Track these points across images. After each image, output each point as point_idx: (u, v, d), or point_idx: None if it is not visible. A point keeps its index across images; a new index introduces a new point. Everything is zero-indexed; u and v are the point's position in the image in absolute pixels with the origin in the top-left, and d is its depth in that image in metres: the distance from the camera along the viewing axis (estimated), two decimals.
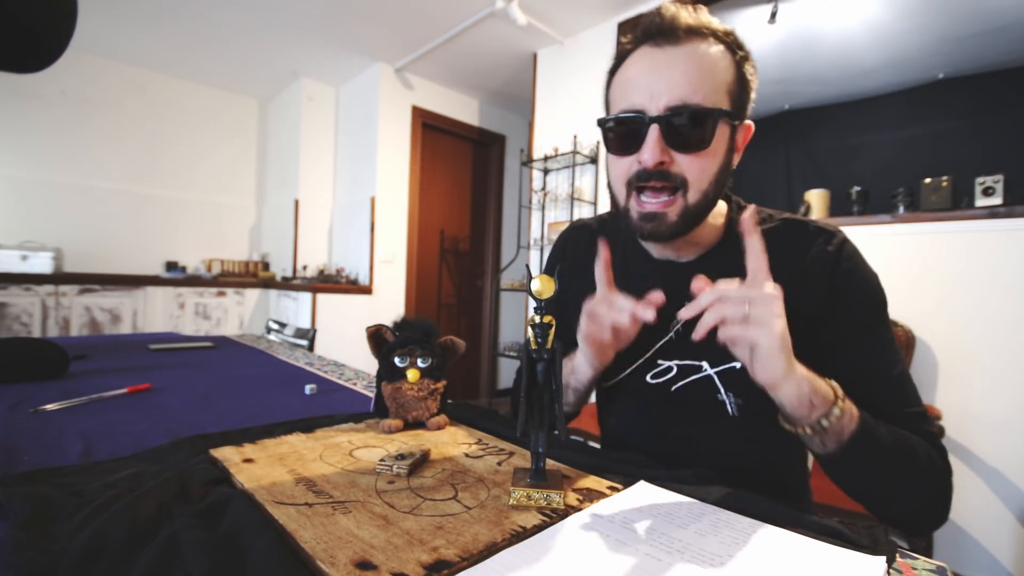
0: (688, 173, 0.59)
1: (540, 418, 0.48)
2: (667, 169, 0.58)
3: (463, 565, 0.35)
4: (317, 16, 2.71)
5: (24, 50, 0.58)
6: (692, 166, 0.58)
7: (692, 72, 0.57)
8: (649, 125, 0.57)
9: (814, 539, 0.40)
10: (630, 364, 0.70)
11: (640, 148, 0.58)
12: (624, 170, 0.62)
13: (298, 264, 3.58)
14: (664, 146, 0.57)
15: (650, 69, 0.58)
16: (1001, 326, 1.53)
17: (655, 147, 0.57)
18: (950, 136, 3.04)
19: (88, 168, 3.29)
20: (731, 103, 0.60)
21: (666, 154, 0.58)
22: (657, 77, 0.57)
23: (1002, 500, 1.51)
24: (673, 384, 0.67)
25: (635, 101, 0.59)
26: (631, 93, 0.59)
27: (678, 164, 0.58)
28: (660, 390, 0.68)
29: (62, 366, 0.98)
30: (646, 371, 0.69)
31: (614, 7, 2.53)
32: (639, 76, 0.59)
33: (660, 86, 0.57)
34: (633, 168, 0.60)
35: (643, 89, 0.58)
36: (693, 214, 0.61)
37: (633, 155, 0.60)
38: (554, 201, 2.90)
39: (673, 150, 0.58)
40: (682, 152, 0.58)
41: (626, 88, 0.61)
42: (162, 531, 0.37)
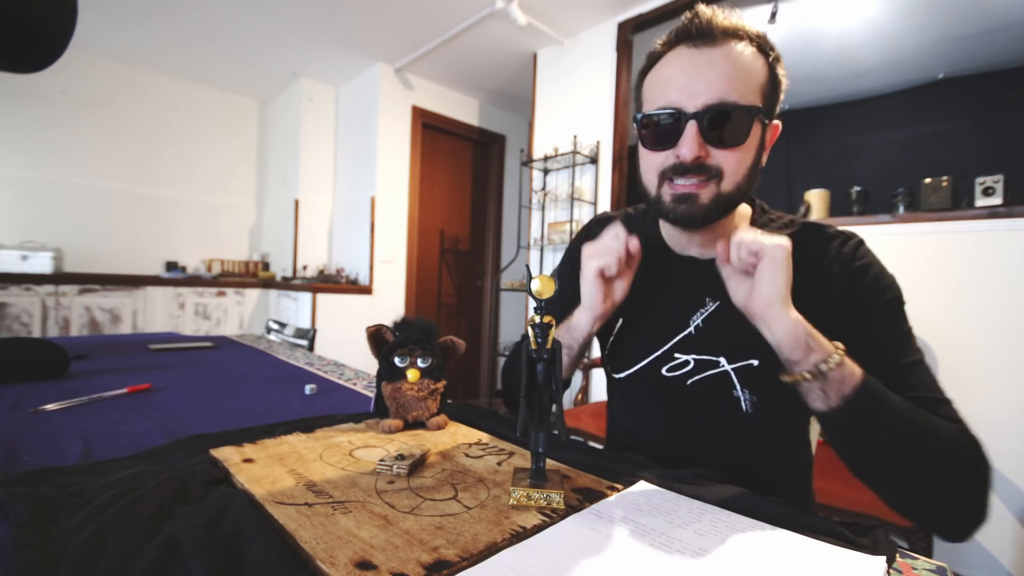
0: (724, 165, 0.60)
1: (540, 418, 0.48)
2: (703, 162, 0.60)
3: (463, 565, 0.35)
4: (317, 16, 2.71)
5: (24, 50, 0.58)
6: (728, 159, 0.60)
7: (729, 72, 0.59)
8: (687, 121, 0.59)
9: (814, 539, 0.40)
10: (648, 355, 0.71)
11: (676, 143, 0.60)
12: (659, 162, 0.63)
13: (298, 264, 3.58)
14: (702, 141, 0.59)
15: (688, 68, 0.60)
16: (1001, 326, 1.53)
17: (693, 142, 0.58)
18: (950, 136, 3.04)
19: (88, 168, 3.29)
20: (763, 102, 0.61)
21: (703, 149, 0.59)
22: (695, 76, 0.59)
23: (1002, 500, 1.51)
24: (689, 378, 0.68)
25: (673, 99, 0.60)
26: (668, 91, 0.61)
27: (714, 157, 0.60)
28: (675, 383, 0.69)
29: (62, 366, 0.98)
30: (663, 364, 0.70)
31: (614, 7, 2.53)
32: (676, 75, 0.61)
33: (698, 85, 0.59)
34: (668, 161, 0.62)
35: (681, 87, 0.60)
36: (725, 201, 0.62)
37: (668, 149, 0.62)
38: (554, 201, 2.90)
39: (710, 145, 0.60)
40: (718, 147, 0.60)
41: (663, 86, 0.62)
42: (162, 531, 0.37)
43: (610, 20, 2.63)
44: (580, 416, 2.05)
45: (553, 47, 2.94)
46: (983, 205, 1.79)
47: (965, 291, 1.59)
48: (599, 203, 2.68)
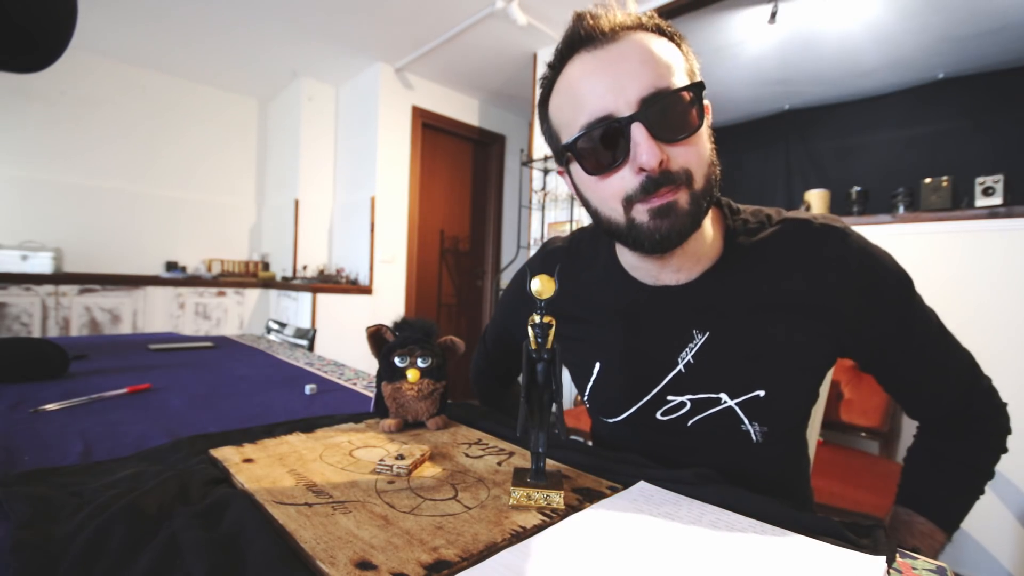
0: (688, 164, 0.52)
1: (540, 418, 0.48)
2: (668, 168, 0.51)
3: (463, 565, 0.35)
4: (317, 16, 2.71)
5: (24, 50, 0.58)
6: (689, 156, 0.52)
7: (646, 59, 0.51)
8: (631, 124, 0.50)
9: (814, 539, 0.40)
10: (636, 402, 0.64)
11: (627, 156, 0.51)
12: (617, 188, 0.53)
13: (298, 264, 3.58)
14: (656, 142, 0.50)
15: (599, 70, 0.51)
16: (1001, 326, 1.53)
17: (651, 144, 0.49)
18: (950, 136, 3.04)
19: (88, 168, 3.29)
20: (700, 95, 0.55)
21: (662, 151, 0.50)
22: (612, 74, 0.50)
23: (1002, 500, 1.51)
24: (688, 419, 0.62)
25: (596, 108, 0.51)
26: (587, 103, 0.52)
27: (675, 159, 0.51)
28: (674, 427, 0.62)
29: (62, 366, 0.97)
30: (655, 408, 0.63)
31: None
32: (590, 83, 0.52)
33: (622, 80, 0.50)
34: (630, 183, 0.52)
35: (601, 93, 0.51)
36: (702, 198, 0.54)
37: (621, 168, 0.52)
38: (554, 201, 2.90)
39: (665, 144, 0.51)
40: (674, 143, 0.51)
41: (578, 99, 0.53)
42: (162, 531, 0.37)
43: None
44: (580, 416, 2.05)
45: (553, 47, 2.93)
46: (983, 205, 1.79)
47: (965, 291, 1.59)
48: None
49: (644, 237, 0.54)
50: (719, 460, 0.60)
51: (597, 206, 0.58)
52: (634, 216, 0.54)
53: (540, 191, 2.92)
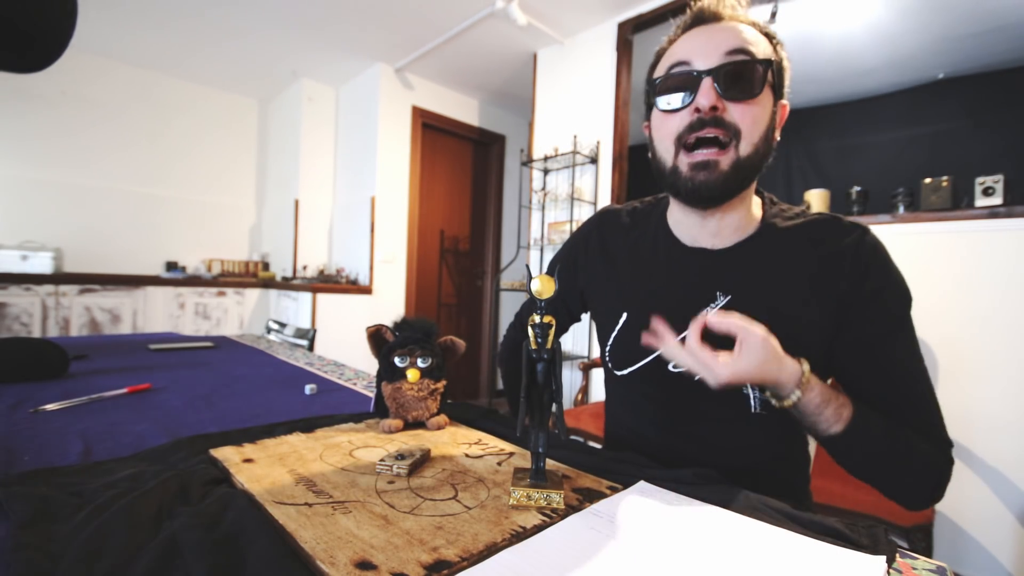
0: (741, 123, 0.59)
1: (540, 418, 0.48)
2: (721, 116, 0.59)
3: (463, 565, 0.35)
4: (317, 16, 2.71)
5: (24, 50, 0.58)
6: (745, 116, 0.60)
7: (739, 33, 0.61)
8: (702, 77, 0.59)
9: (814, 539, 0.40)
10: (652, 351, 0.69)
11: (691, 102, 0.60)
12: (674, 126, 0.62)
13: (298, 264, 3.58)
14: (717, 94, 0.59)
15: (697, 38, 0.62)
16: (1001, 326, 1.53)
17: (710, 92, 0.58)
18: (950, 136, 3.04)
19: (88, 168, 3.29)
20: (774, 78, 0.62)
21: (720, 101, 0.59)
22: (707, 39, 0.61)
23: (1002, 500, 1.51)
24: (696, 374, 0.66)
25: (683, 55, 0.62)
26: (680, 55, 0.62)
27: (731, 113, 0.59)
28: (683, 380, 0.67)
29: (62, 366, 0.98)
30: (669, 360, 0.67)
31: (614, 7, 2.53)
32: (687, 45, 0.63)
33: (710, 46, 0.60)
34: (684, 121, 0.61)
35: (693, 51, 0.61)
36: (745, 167, 0.61)
37: (683, 110, 0.61)
38: (554, 201, 2.89)
39: (726, 99, 0.59)
40: (734, 101, 0.59)
41: (674, 58, 0.63)
42: (162, 531, 0.37)
43: (610, 20, 2.63)
44: (580, 416, 2.05)
45: (553, 47, 2.94)
46: (983, 205, 1.79)
47: (965, 291, 1.59)
48: (599, 203, 2.68)
49: (681, 184, 0.63)
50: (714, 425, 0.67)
51: (656, 146, 0.66)
52: (678, 164, 0.63)
53: (540, 191, 2.92)
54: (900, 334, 0.62)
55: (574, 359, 2.66)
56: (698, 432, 0.68)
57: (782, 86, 0.64)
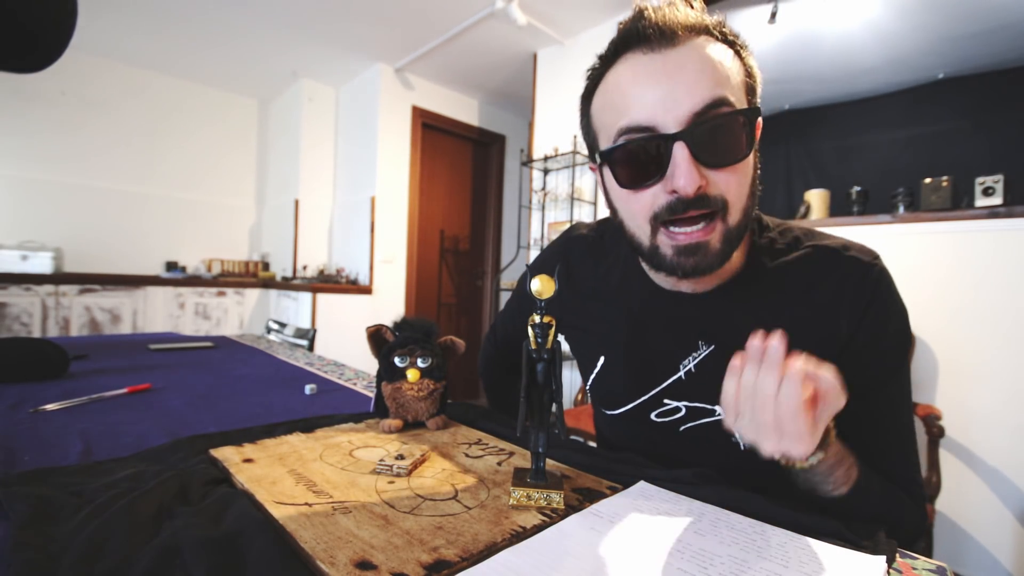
0: (727, 193, 0.49)
1: (540, 418, 0.48)
2: (705, 192, 0.48)
3: (463, 565, 0.35)
4: (317, 16, 2.71)
5: (24, 50, 0.58)
6: (730, 184, 0.49)
7: (709, 71, 0.48)
8: (673, 144, 0.47)
9: (814, 539, 0.40)
10: (634, 399, 0.65)
11: (664, 174, 0.48)
12: (646, 205, 0.51)
13: (298, 264, 3.58)
14: (697, 166, 0.47)
15: (652, 77, 0.48)
16: (1001, 326, 1.53)
17: (690, 168, 0.46)
18: (950, 136, 3.04)
19: (88, 168, 3.29)
20: (748, 101, 0.52)
21: (701, 176, 0.47)
22: (668, 85, 0.47)
23: (1002, 500, 1.51)
24: (681, 425, 0.62)
25: (643, 118, 0.48)
26: (632, 110, 0.49)
27: (714, 184, 0.49)
28: (667, 429, 0.63)
29: (62, 366, 0.97)
30: (651, 409, 0.64)
31: (614, 7, 2.53)
32: (641, 88, 0.49)
33: (675, 94, 0.47)
34: (660, 201, 0.50)
35: (649, 103, 0.48)
36: (736, 236, 0.52)
37: (654, 185, 0.50)
38: (554, 201, 2.90)
39: (706, 168, 0.48)
40: (716, 168, 0.48)
41: (624, 104, 0.50)
42: (162, 531, 0.37)
43: (610, 20, 2.63)
44: (580, 416, 2.05)
45: (553, 47, 2.94)
46: (983, 205, 1.79)
47: (965, 291, 1.59)
48: (599, 203, 2.68)
49: (666, 266, 0.53)
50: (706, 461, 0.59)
51: (624, 219, 0.56)
52: (659, 244, 0.53)
53: (540, 191, 2.92)
54: (895, 382, 0.57)
55: (574, 359, 2.66)
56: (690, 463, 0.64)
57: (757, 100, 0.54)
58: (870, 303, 0.55)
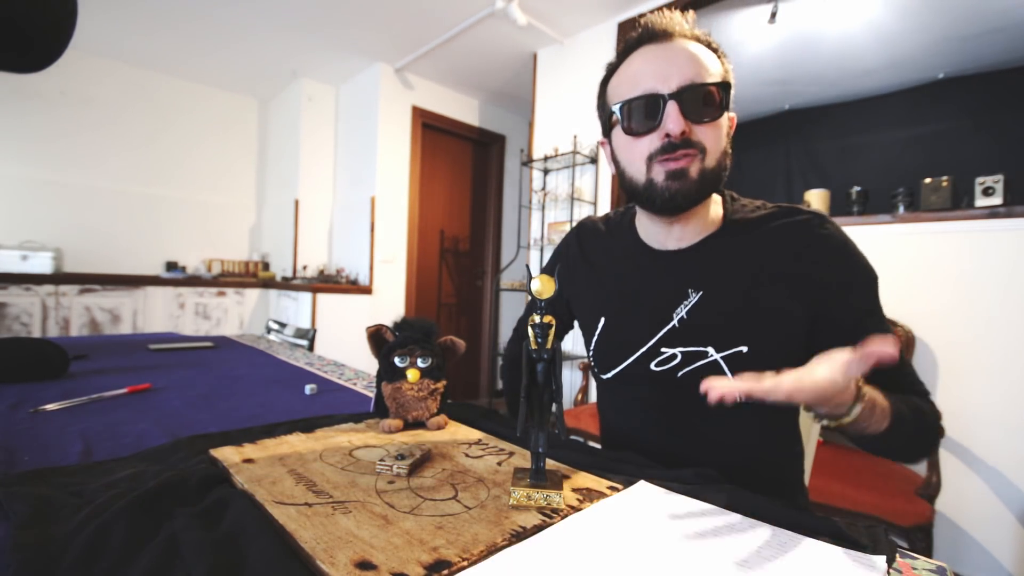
0: (705, 141, 0.64)
1: (540, 418, 0.48)
2: (688, 137, 0.63)
3: (463, 565, 0.35)
4: (317, 16, 2.71)
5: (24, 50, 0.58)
6: (708, 135, 0.64)
7: (695, 58, 0.64)
8: (668, 101, 0.63)
9: (814, 539, 0.40)
10: (633, 352, 0.71)
11: (659, 124, 0.64)
12: (644, 148, 0.66)
13: (298, 264, 3.58)
14: (684, 118, 0.62)
15: (655, 59, 0.65)
16: (1001, 326, 1.53)
17: (678, 118, 0.62)
18: (950, 136, 3.04)
19: (88, 168, 3.29)
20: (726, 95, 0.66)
21: (687, 125, 0.63)
22: (665, 64, 0.64)
23: (1002, 500, 1.51)
24: (678, 371, 0.68)
25: (647, 86, 0.64)
26: (641, 81, 0.65)
27: (696, 133, 0.64)
28: (665, 377, 0.69)
29: (62, 366, 0.97)
30: (650, 359, 0.70)
31: (614, 7, 2.53)
32: (647, 66, 0.65)
33: (670, 70, 0.63)
34: (655, 144, 0.65)
35: (653, 75, 0.64)
36: (710, 177, 0.65)
37: (651, 133, 0.65)
38: (554, 201, 2.90)
39: (690, 121, 0.63)
40: (697, 123, 0.63)
41: (634, 79, 0.66)
42: (162, 531, 0.37)
43: (610, 20, 2.63)
44: (580, 416, 2.05)
45: (553, 47, 2.94)
46: (983, 205, 1.79)
47: (965, 291, 1.59)
48: (599, 203, 2.68)
49: (657, 195, 0.66)
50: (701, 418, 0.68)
51: (625, 166, 0.69)
52: (652, 176, 0.66)
53: (540, 191, 2.92)
54: (874, 314, 0.65)
55: (574, 359, 2.66)
56: (685, 426, 0.70)
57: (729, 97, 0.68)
58: (835, 250, 0.66)
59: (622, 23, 2.58)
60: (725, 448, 0.68)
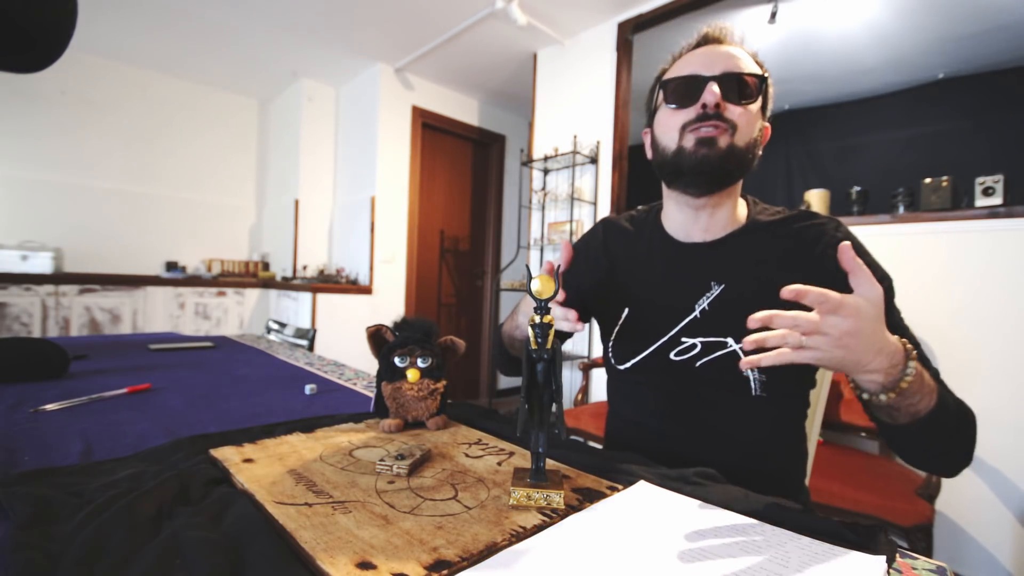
0: (738, 120, 0.68)
1: (540, 418, 0.48)
2: (722, 112, 0.67)
3: (463, 565, 0.35)
4: (317, 17, 2.71)
5: (24, 50, 0.58)
6: (741, 115, 0.68)
7: (738, 56, 0.70)
8: (708, 81, 0.68)
9: (814, 539, 0.40)
10: (655, 342, 0.73)
11: (697, 100, 0.68)
12: (681, 119, 0.70)
13: (298, 264, 3.58)
14: (720, 96, 0.67)
15: (705, 54, 0.71)
16: (1001, 326, 1.53)
17: (715, 93, 0.67)
18: (950, 136, 3.04)
19: (88, 168, 3.29)
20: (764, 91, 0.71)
21: (722, 101, 0.67)
22: (713, 56, 0.70)
23: (1002, 500, 1.51)
24: (697, 360, 0.70)
25: (694, 70, 0.70)
26: (688, 67, 0.71)
27: (730, 111, 0.68)
28: (684, 367, 0.71)
29: (62, 366, 0.97)
30: (670, 349, 0.72)
31: (614, 7, 2.53)
32: (695, 59, 0.71)
33: (714, 59, 0.70)
34: (690, 115, 0.69)
35: (700, 64, 0.70)
36: (737, 155, 0.68)
37: (690, 107, 0.69)
38: (554, 201, 2.89)
39: (726, 101, 0.68)
40: (733, 103, 0.68)
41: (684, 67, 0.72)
42: (162, 531, 0.37)
43: (610, 20, 2.63)
44: (580, 416, 2.05)
45: (553, 47, 2.94)
46: (983, 205, 1.79)
47: (965, 291, 1.59)
48: (599, 203, 2.68)
49: (684, 160, 0.69)
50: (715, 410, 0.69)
51: (659, 137, 0.74)
52: (683, 143, 0.70)
53: (540, 191, 2.92)
54: (894, 309, 0.66)
55: (574, 359, 2.66)
56: (699, 418, 0.70)
57: (768, 109, 0.73)
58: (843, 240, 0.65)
59: (622, 23, 2.58)
60: (734, 442, 0.69)
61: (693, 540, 0.39)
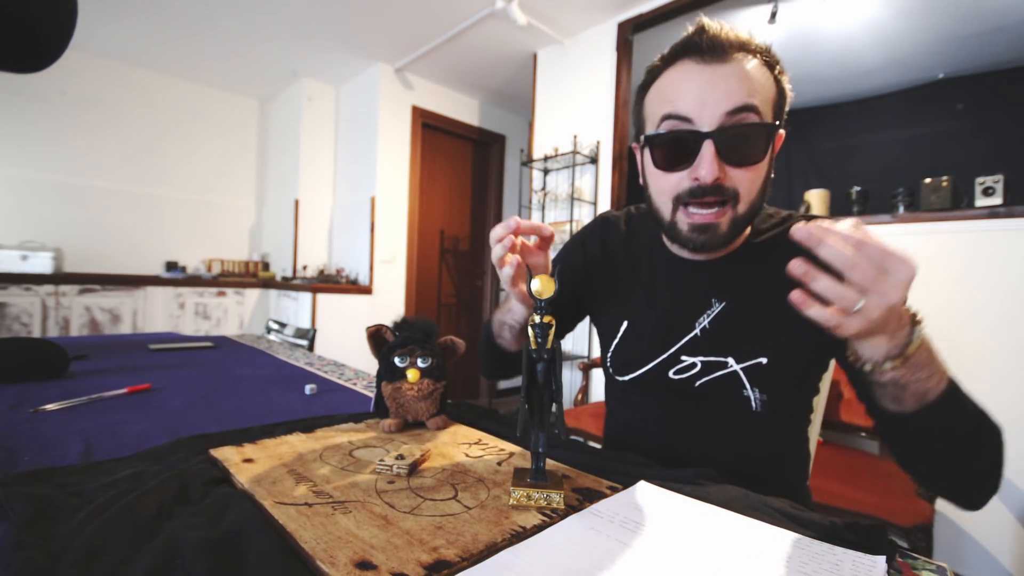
0: (740, 186, 0.59)
1: (540, 418, 0.48)
2: (721, 183, 0.58)
3: (463, 565, 0.35)
4: (317, 16, 2.71)
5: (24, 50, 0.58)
6: (744, 179, 0.59)
7: (742, 89, 0.57)
8: (703, 141, 0.57)
9: (814, 539, 0.40)
10: (653, 359, 0.70)
11: (692, 163, 0.58)
12: (672, 185, 0.62)
13: (298, 264, 3.58)
14: (720, 162, 0.57)
15: (699, 84, 0.58)
16: (1001, 326, 1.53)
17: (712, 163, 0.57)
18: (950, 136, 3.04)
19: (88, 168, 3.29)
20: (774, 116, 0.61)
21: (721, 169, 0.58)
22: (708, 92, 0.57)
23: (1002, 500, 1.51)
24: (697, 380, 0.67)
25: (682, 110, 0.58)
26: (678, 104, 0.59)
27: (731, 178, 0.59)
28: (683, 385, 0.68)
29: (62, 366, 0.97)
30: (669, 367, 0.69)
31: (614, 7, 2.53)
32: (687, 90, 0.59)
33: (712, 102, 0.57)
34: (683, 184, 0.60)
35: (693, 105, 0.58)
36: (742, 224, 0.62)
37: (682, 171, 0.60)
38: (554, 201, 2.90)
39: (727, 165, 0.58)
40: (735, 167, 0.58)
41: (672, 102, 0.60)
42: (162, 531, 0.37)
43: (610, 20, 2.63)
44: (580, 416, 2.05)
45: (553, 47, 2.94)
46: (983, 205, 1.79)
47: (965, 291, 1.59)
48: (599, 203, 2.68)
49: (680, 240, 0.64)
50: (717, 426, 0.67)
51: (652, 194, 0.67)
52: (677, 220, 0.63)
53: (540, 191, 2.92)
54: None
55: (574, 359, 2.66)
56: (699, 433, 0.69)
57: (782, 117, 0.62)
58: None
59: (622, 23, 2.58)
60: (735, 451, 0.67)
61: (693, 540, 0.39)
